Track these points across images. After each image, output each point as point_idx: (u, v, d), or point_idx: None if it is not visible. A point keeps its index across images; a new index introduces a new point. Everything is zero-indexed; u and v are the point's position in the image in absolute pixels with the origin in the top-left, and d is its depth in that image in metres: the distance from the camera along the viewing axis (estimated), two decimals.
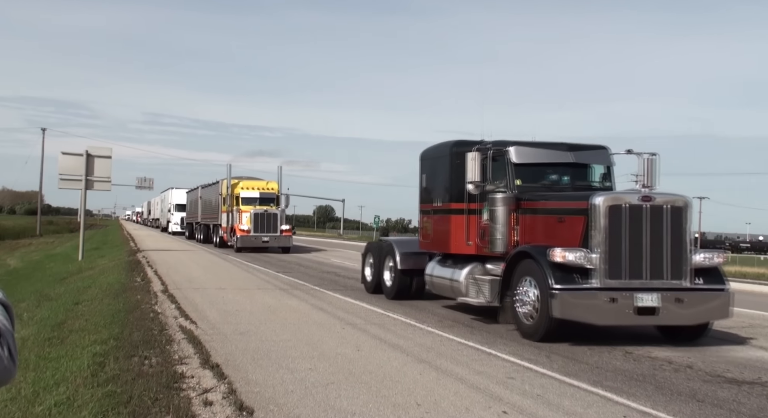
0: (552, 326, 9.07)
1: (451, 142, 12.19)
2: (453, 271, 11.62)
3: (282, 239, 31.71)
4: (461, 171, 11.27)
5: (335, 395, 6.25)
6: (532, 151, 11.07)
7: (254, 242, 30.98)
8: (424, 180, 13.13)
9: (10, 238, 53.83)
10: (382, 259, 14.32)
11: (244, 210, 31.85)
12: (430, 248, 12.93)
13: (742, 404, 6.39)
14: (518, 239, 10.44)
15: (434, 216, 12.60)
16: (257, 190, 33.39)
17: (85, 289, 15.17)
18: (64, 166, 24.19)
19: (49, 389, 6.22)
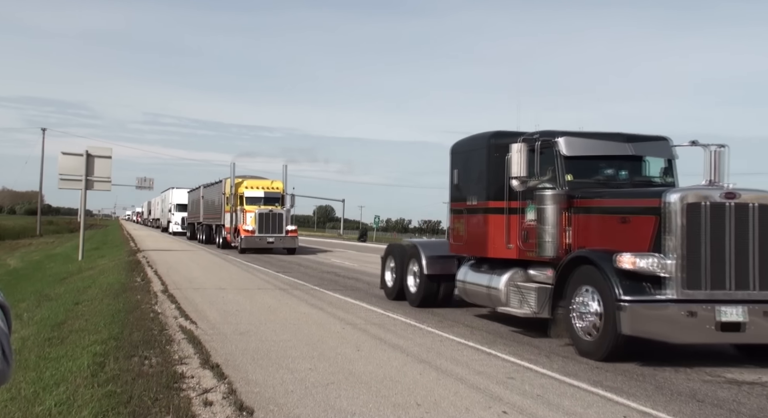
0: (619, 343, 7.90)
1: (488, 134, 10.95)
2: (490, 277, 10.51)
3: (287, 239, 30.60)
4: (500, 165, 10.34)
5: (335, 395, 6.25)
6: (585, 143, 9.84)
7: (259, 243, 30.10)
8: (456, 176, 11.84)
9: (10, 238, 53.82)
10: (405, 262, 13.19)
11: (248, 210, 30.95)
12: (463, 251, 11.79)
13: (742, 404, 6.39)
14: (570, 241, 9.29)
15: (468, 216, 11.39)
16: (262, 189, 32.31)
17: (85, 289, 15.17)
18: (64, 166, 24.20)
19: (49, 389, 6.22)
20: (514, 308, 9.96)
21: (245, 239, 30.12)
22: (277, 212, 30.68)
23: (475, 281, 11.06)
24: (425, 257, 12.51)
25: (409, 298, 13.02)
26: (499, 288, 10.19)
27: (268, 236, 30.10)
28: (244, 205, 31.29)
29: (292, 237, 30.79)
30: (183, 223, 52.40)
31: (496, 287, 10.25)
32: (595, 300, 8.22)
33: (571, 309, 8.59)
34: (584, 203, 9.32)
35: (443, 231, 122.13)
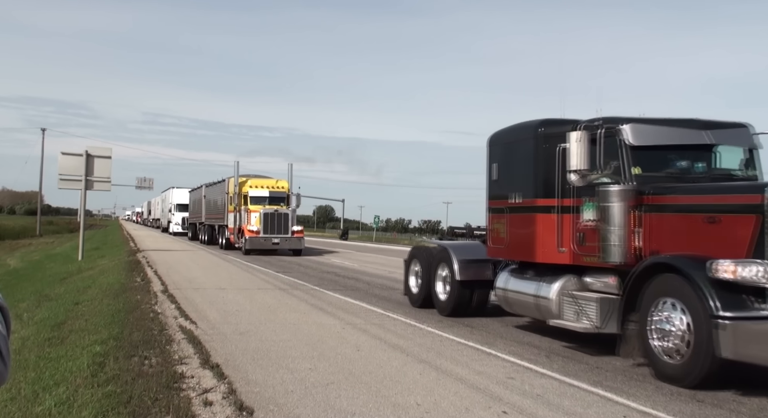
0: (714, 368, 6.67)
1: (535, 122, 9.73)
2: (538, 285, 9.35)
3: (293, 240, 29.71)
4: (550, 158, 9.25)
5: (335, 395, 6.25)
6: (655, 131, 8.62)
7: (264, 244, 29.09)
8: (495, 171, 10.60)
9: (10, 238, 53.81)
10: (433, 267, 12.05)
11: (252, 210, 29.92)
12: (504, 255, 10.57)
13: (742, 404, 6.39)
14: (640, 245, 8.00)
15: (510, 216, 10.16)
16: (267, 188, 31.28)
17: (85, 289, 15.17)
18: (64, 166, 24.20)
19: (49, 389, 6.22)
20: (570, 321, 8.72)
21: (250, 239, 29.12)
22: (283, 212, 29.76)
23: (518, 288, 9.89)
24: (457, 260, 11.34)
25: (438, 306, 11.89)
26: (549, 298, 9.03)
27: (273, 236, 29.21)
28: (249, 204, 30.33)
29: (298, 238, 29.93)
30: (184, 223, 51.73)
31: (546, 296, 9.08)
32: (680, 316, 6.99)
33: (648, 325, 7.32)
34: (657, 200, 8.02)
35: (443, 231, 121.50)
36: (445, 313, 11.61)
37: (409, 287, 13.14)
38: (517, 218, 10.04)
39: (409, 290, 13.13)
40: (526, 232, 9.79)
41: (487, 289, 11.23)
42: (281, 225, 29.47)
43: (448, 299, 11.61)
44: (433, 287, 12.06)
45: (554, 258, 9.25)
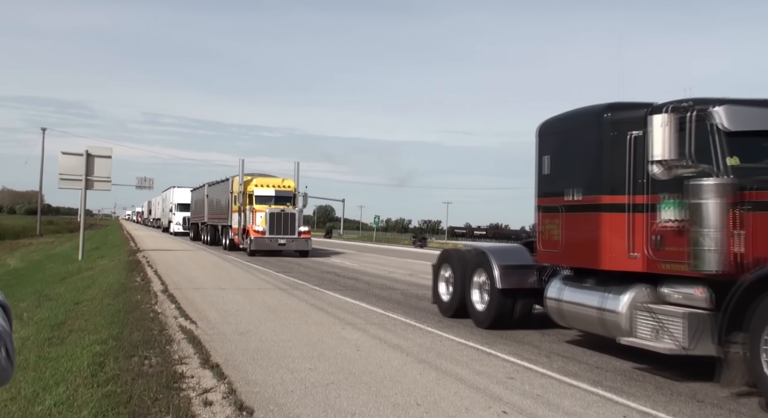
0: None
1: (600, 107, 8.43)
2: (602, 296, 8.08)
3: (300, 241, 28.66)
4: (619, 148, 8.03)
5: (335, 395, 6.25)
6: (756, 113, 7.36)
7: (270, 245, 28.08)
8: (548, 164, 9.42)
9: (10, 238, 53.81)
10: (469, 273, 10.85)
11: (258, 209, 29.08)
12: (559, 260, 9.34)
13: (742, 404, 6.39)
14: (741, 250, 6.75)
15: (567, 215, 8.94)
16: (272, 187, 30.30)
17: (85, 289, 15.17)
18: (64, 166, 24.20)
19: (49, 389, 6.22)
20: (645, 339, 7.46)
21: (255, 240, 28.11)
22: (290, 212, 28.72)
23: (577, 299, 8.63)
24: (498, 266, 10.09)
25: (475, 316, 10.67)
26: (618, 311, 7.77)
27: (279, 237, 28.20)
28: (254, 204, 29.48)
29: (305, 239, 28.93)
30: (185, 223, 51.12)
31: (614, 309, 7.84)
32: None
33: (761, 349, 6.15)
34: (764, 197, 6.73)
35: (443, 231, 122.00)
36: (483, 325, 10.39)
37: (438, 294, 11.85)
38: (575, 218, 8.82)
39: (438, 298, 11.86)
40: (587, 234, 8.53)
41: (531, 298, 10.09)
42: (288, 225, 28.46)
43: (488, 310, 10.33)
44: (468, 296, 10.83)
45: (623, 265, 7.97)
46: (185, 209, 51.32)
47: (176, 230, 53.28)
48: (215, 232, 37.13)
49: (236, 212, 31.11)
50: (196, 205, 44.09)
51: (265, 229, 28.13)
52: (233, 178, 32.56)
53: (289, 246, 28.61)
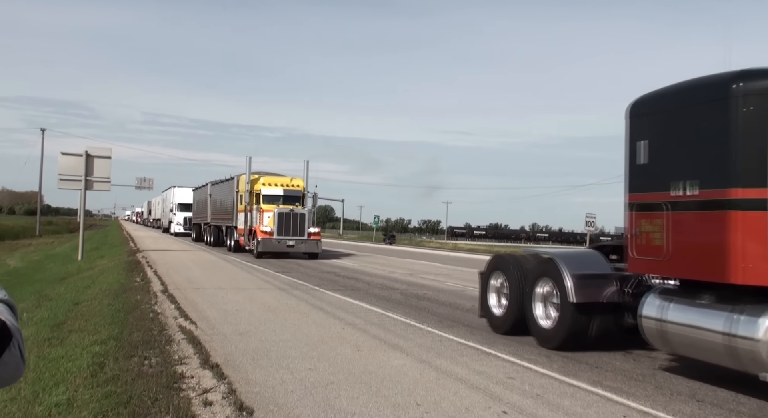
0: None
1: (728, 75, 6.77)
2: (730, 318, 6.47)
3: (309, 243, 27.26)
4: (756, 127, 6.47)
5: (335, 395, 6.25)
6: None
7: (278, 247, 26.81)
8: (645, 151, 7.74)
9: (10, 238, 53.80)
10: (529, 283, 9.37)
11: (266, 209, 27.73)
12: (664, 270, 7.66)
13: (742, 404, 6.39)
14: None
15: (675, 214, 7.26)
16: (281, 187, 28.92)
17: (85, 289, 15.17)
18: (64, 167, 24.20)
19: (49, 389, 6.22)
20: None
21: (263, 241, 26.78)
22: (299, 212, 27.42)
23: (690, 321, 7.00)
24: (571, 275, 8.52)
25: (539, 334, 9.14)
26: (757, 338, 6.17)
27: (288, 238, 26.87)
28: (261, 204, 28.14)
29: (314, 241, 27.56)
30: (186, 223, 50.41)
31: (751, 335, 6.23)
32: None
33: None
34: None
35: (443, 231, 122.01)
36: (550, 344, 8.87)
37: (488, 307, 10.31)
38: (688, 217, 7.16)
39: (488, 311, 10.31)
40: (706, 238, 6.91)
41: (610, 314, 8.54)
42: (297, 226, 27.13)
43: (557, 327, 8.78)
44: (529, 310, 9.30)
45: (762, 278, 6.39)
46: (186, 209, 50.61)
47: (177, 231, 52.44)
48: (219, 233, 36.04)
49: (242, 212, 29.89)
50: (199, 205, 42.91)
51: (273, 230, 26.90)
52: (239, 176, 31.27)
53: (298, 248, 27.23)
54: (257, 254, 26.81)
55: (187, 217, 50.25)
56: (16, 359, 1.53)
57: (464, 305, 13.30)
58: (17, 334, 1.54)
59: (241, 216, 29.96)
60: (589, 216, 44.05)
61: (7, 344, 1.49)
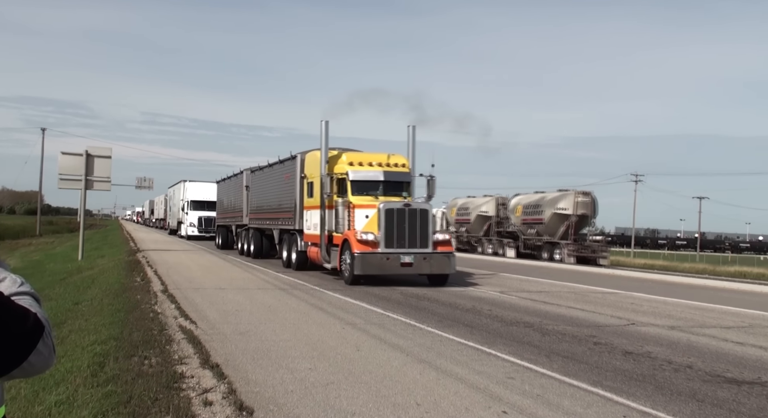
0: None
1: None
2: None
3: (437, 259, 16.99)
4: None
5: (335, 395, 6.25)
6: None
7: (386, 266, 16.67)
8: None
9: (10, 238, 53.82)
10: None
11: (358, 204, 17.59)
12: None
13: (742, 404, 6.39)
14: None
15: None
16: (378, 167, 18.50)
17: (85, 289, 15.18)
18: (64, 166, 24.22)
19: (49, 389, 6.22)
20: None
21: (362, 258, 16.51)
22: (419, 208, 17.14)
23: None
24: None
25: None
26: None
27: (403, 252, 16.72)
28: (349, 195, 17.92)
29: (444, 254, 17.18)
30: (201, 224, 44.25)
31: None
32: None
33: None
34: None
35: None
36: None
37: None
38: None
39: None
40: None
41: None
42: (417, 231, 16.96)
43: None
44: None
45: None
46: (201, 208, 44.35)
47: (191, 233, 44.79)
48: (261, 239, 26.56)
49: (312, 210, 19.78)
50: (227, 202, 33.58)
51: (378, 237, 16.73)
52: (305, 154, 21.15)
53: (420, 267, 16.94)
54: (352, 277, 16.66)
55: (202, 217, 44.31)
56: (49, 349, 1.62)
57: (464, 305, 13.30)
58: (47, 325, 1.62)
59: (312, 215, 19.80)
60: None
61: (40, 334, 1.57)
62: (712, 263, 46.27)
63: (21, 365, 1.54)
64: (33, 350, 1.55)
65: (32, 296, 1.70)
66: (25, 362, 1.54)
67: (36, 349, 1.56)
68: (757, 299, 17.22)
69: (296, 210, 21.37)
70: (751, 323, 12.18)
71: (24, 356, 1.54)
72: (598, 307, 13.67)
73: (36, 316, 1.58)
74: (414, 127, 19.69)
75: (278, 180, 23.92)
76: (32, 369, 1.58)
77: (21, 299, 1.64)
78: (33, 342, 1.55)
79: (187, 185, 47.38)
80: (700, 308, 14.53)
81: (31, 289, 1.72)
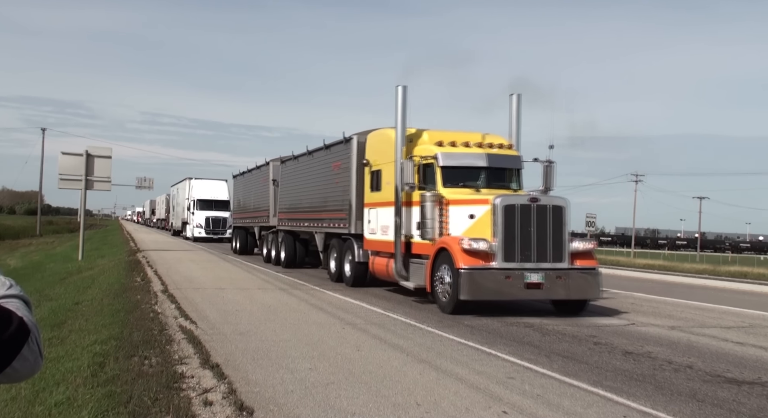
0: None
1: None
2: None
3: (577, 279, 12.14)
4: None
5: (335, 395, 6.25)
6: None
7: (506, 287, 11.81)
8: None
9: (10, 238, 53.82)
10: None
11: (454, 200, 12.86)
12: None
13: (742, 404, 6.39)
14: None
15: None
16: (479, 148, 13.82)
17: (85, 289, 15.17)
18: (64, 166, 24.22)
19: (49, 389, 6.22)
20: None
21: (472, 276, 11.66)
22: (551, 204, 12.30)
23: None
24: None
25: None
26: None
27: (528, 268, 11.89)
28: (439, 186, 13.10)
29: (586, 270, 12.33)
30: (209, 225, 42.02)
31: None
32: None
33: None
34: None
35: None
36: None
37: None
38: None
39: None
40: None
41: None
42: (548, 238, 12.11)
43: None
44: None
45: None
46: (209, 207, 42.21)
47: (197, 235, 42.22)
48: (294, 244, 22.00)
49: (378, 207, 15.16)
50: (247, 200, 29.42)
51: (494, 247, 11.87)
52: (363, 137, 16.46)
53: (551, 289, 11.96)
54: (454, 304, 11.77)
55: (210, 217, 42.14)
56: (35, 354, 1.57)
57: None
58: (35, 329, 1.58)
59: (380, 214, 14.99)
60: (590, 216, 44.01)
61: (25, 339, 1.53)
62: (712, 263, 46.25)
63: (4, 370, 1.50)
64: (17, 355, 1.50)
65: (21, 299, 1.64)
66: (9, 367, 1.50)
67: (20, 354, 1.51)
68: (757, 299, 17.22)
69: (351, 209, 16.62)
70: (751, 323, 12.18)
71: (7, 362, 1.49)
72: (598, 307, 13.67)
73: (22, 320, 1.53)
74: (519, 95, 14.81)
75: (323, 171, 19.08)
76: (17, 375, 1.54)
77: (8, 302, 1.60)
78: (17, 347, 1.51)
79: (193, 183, 44.68)
80: (700, 308, 14.53)
81: (20, 292, 1.66)
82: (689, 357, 8.61)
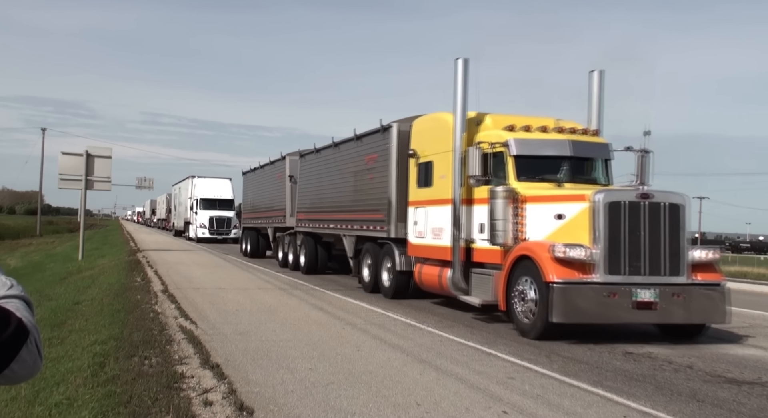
0: None
1: None
2: None
3: (698, 297, 9.51)
4: None
5: (335, 395, 6.25)
6: None
7: (609, 307, 9.19)
8: None
9: (10, 238, 53.79)
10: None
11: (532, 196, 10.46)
12: None
13: (742, 404, 6.39)
14: None
15: None
16: (558, 134, 11.22)
17: (85, 289, 15.17)
18: (64, 166, 24.21)
19: (49, 389, 6.22)
20: None
21: (566, 293, 9.17)
22: (666, 202, 9.57)
23: None
24: None
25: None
26: None
27: (637, 283, 9.32)
28: (511, 179, 10.81)
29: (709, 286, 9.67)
30: (213, 225, 41.00)
31: None
32: None
33: None
34: None
35: None
36: None
37: None
38: None
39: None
40: None
41: None
42: (662, 245, 9.51)
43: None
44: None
45: None
46: (213, 206, 41.19)
47: (201, 235, 41.05)
48: (316, 247, 19.79)
49: (426, 206, 12.89)
50: (259, 199, 27.12)
51: (596, 256, 9.32)
52: (407, 125, 14.14)
53: (667, 311, 9.39)
54: (544, 327, 9.43)
55: (214, 217, 41.12)
56: (34, 356, 1.54)
57: (464, 305, 13.29)
58: (34, 330, 1.55)
59: (430, 215, 12.75)
60: None
61: (24, 340, 1.50)
62: None
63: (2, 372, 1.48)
64: (15, 357, 1.48)
65: (22, 300, 1.62)
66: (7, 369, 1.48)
67: (19, 356, 1.49)
68: (757, 299, 17.22)
69: (391, 208, 14.16)
70: (751, 323, 12.18)
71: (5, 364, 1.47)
72: None
73: (20, 321, 1.51)
74: (602, 71, 12.70)
75: (352, 165, 16.60)
76: (15, 377, 1.52)
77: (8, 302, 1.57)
78: (15, 349, 1.48)
79: (196, 182, 42.97)
80: None
81: (21, 292, 1.64)
82: (689, 357, 8.61)
